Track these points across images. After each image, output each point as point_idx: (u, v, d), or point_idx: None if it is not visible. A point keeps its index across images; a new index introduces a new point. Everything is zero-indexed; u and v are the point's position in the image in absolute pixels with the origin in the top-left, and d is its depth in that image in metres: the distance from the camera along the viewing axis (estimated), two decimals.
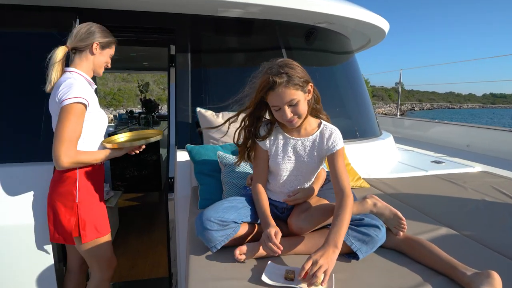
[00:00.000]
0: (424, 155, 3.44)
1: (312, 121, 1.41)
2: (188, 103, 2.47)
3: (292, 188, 1.42)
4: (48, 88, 1.54)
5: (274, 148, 1.40)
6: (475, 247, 1.41)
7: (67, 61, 1.61)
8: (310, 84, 1.30)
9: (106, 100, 29.62)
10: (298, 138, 1.39)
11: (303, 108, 1.29)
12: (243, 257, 1.24)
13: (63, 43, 1.63)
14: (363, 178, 2.34)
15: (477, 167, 2.82)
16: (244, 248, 1.24)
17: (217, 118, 2.30)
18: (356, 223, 1.32)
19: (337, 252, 1.12)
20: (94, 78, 2.48)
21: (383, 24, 3.21)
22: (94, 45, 1.63)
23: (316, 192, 1.44)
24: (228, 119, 1.47)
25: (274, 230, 1.21)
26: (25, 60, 2.18)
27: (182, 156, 2.23)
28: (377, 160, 2.83)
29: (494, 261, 1.30)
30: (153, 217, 3.72)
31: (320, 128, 1.39)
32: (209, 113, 2.32)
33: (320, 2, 2.57)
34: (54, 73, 1.53)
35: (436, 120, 4.68)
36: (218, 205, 1.31)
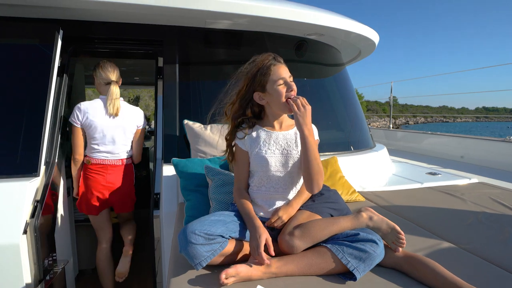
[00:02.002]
0: (418, 167, 3.40)
1: (287, 118, 1.47)
2: (175, 116, 2.41)
3: (280, 190, 1.39)
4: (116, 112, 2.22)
5: (256, 145, 1.40)
6: (480, 263, 1.31)
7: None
8: None
9: None
10: (280, 132, 1.42)
11: None
12: (230, 281, 1.13)
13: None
14: (358, 192, 2.27)
15: (473, 179, 2.77)
16: (231, 271, 1.14)
17: (205, 130, 2.23)
18: (351, 239, 1.23)
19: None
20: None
21: (373, 35, 3.22)
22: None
23: (296, 208, 1.39)
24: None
25: (264, 236, 1.18)
26: (7, 72, 2.11)
27: (168, 170, 2.15)
28: (372, 172, 2.78)
29: (501, 278, 1.20)
30: (141, 235, 3.57)
31: None
32: (197, 126, 2.26)
33: (309, 13, 2.56)
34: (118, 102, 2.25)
35: (429, 132, 4.67)
36: (204, 219, 1.22)
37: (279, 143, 1.41)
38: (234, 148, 1.48)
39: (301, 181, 1.42)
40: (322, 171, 1.31)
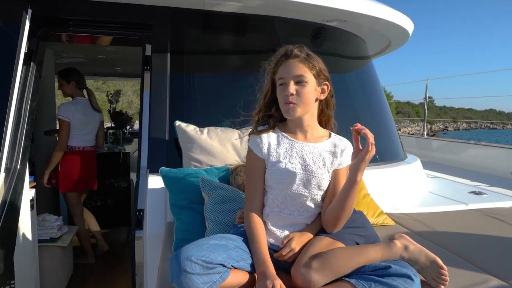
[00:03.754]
0: (459, 184, 3.39)
1: (319, 129, 1.48)
2: (165, 116, 2.41)
3: (296, 214, 1.39)
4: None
5: (275, 154, 1.41)
6: None
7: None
8: (328, 83, 1.42)
9: None
10: (305, 143, 1.43)
11: (309, 96, 1.37)
12: None
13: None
14: (386, 213, 2.25)
15: None
16: None
17: (201, 134, 2.23)
18: (380, 273, 1.22)
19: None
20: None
21: (406, 23, 3.22)
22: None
23: (312, 235, 1.38)
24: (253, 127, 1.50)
25: (278, 284, 1.14)
26: None
27: (155, 182, 2.14)
28: (402, 189, 2.77)
29: None
30: (119, 260, 3.56)
31: (332, 138, 1.47)
32: (191, 128, 2.26)
33: None
34: None
35: (472, 141, 4.65)
36: (202, 242, 1.21)
37: (302, 156, 1.40)
38: (246, 156, 1.48)
39: (320, 205, 1.42)
40: (350, 214, 1.34)
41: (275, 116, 1.47)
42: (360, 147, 1.27)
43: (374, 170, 2.68)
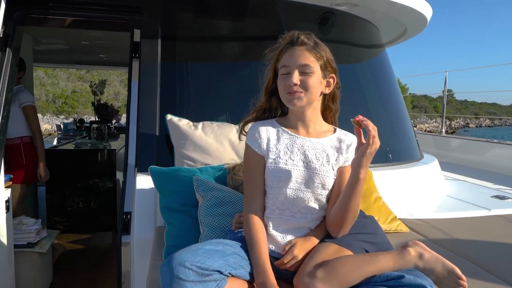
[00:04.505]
0: (481, 187, 3.40)
1: (323, 123, 1.50)
2: (155, 109, 2.41)
3: (298, 215, 1.39)
4: None
5: (275, 150, 1.42)
6: None
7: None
8: (334, 76, 1.43)
9: (55, 105, 29.70)
10: (307, 138, 1.44)
11: (314, 87, 1.37)
12: None
13: None
14: (400, 219, 2.26)
15: None
16: None
17: (195, 130, 2.24)
18: (393, 283, 1.22)
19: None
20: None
21: (424, 8, 3.22)
22: None
23: (316, 240, 1.38)
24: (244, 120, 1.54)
25: None
26: None
27: (144, 182, 2.15)
28: (418, 193, 2.77)
29: None
30: (103, 267, 3.58)
31: (337, 134, 1.48)
32: (184, 123, 2.26)
33: None
34: None
35: (495, 140, 4.65)
36: (196, 247, 1.21)
37: (304, 152, 1.41)
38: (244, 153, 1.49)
39: (325, 207, 1.43)
40: (357, 216, 1.35)
41: (276, 109, 1.48)
42: (364, 141, 1.27)
43: (387, 171, 2.69)
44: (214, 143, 2.20)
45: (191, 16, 2.67)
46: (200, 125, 2.27)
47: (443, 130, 5.78)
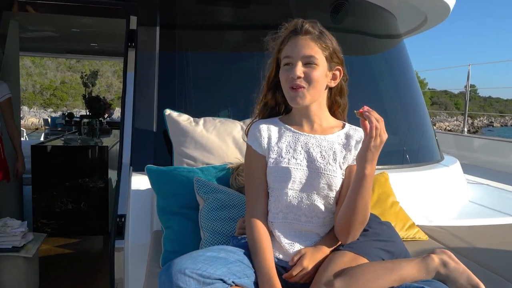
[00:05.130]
0: (506, 192, 3.39)
1: (330, 119, 1.50)
2: (153, 103, 2.42)
3: (303, 219, 1.39)
4: None
5: (276, 148, 1.43)
6: None
7: None
8: (341, 67, 1.43)
9: (43, 97, 29.79)
10: (312, 135, 1.44)
11: (318, 81, 1.37)
12: None
13: None
14: (418, 226, 2.26)
15: None
16: None
17: (197, 126, 2.24)
18: None
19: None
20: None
21: None
22: None
23: (328, 250, 1.38)
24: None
25: None
26: None
27: (140, 182, 2.16)
28: (438, 197, 2.77)
29: None
30: (93, 274, 3.59)
31: (345, 129, 1.48)
32: (183, 118, 2.27)
33: None
34: None
35: None
36: (197, 254, 1.22)
37: (309, 150, 1.42)
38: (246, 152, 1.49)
39: (333, 210, 1.43)
40: (367, 219, 1.34)
41: (281, 104, 1.49)
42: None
43: (404, 173, 2.69)
44: (216, 140, 2.20)
45: (192, 2, 2.68)
46: (201, 121, 2.27)
47: (465, 129, 5.76)
